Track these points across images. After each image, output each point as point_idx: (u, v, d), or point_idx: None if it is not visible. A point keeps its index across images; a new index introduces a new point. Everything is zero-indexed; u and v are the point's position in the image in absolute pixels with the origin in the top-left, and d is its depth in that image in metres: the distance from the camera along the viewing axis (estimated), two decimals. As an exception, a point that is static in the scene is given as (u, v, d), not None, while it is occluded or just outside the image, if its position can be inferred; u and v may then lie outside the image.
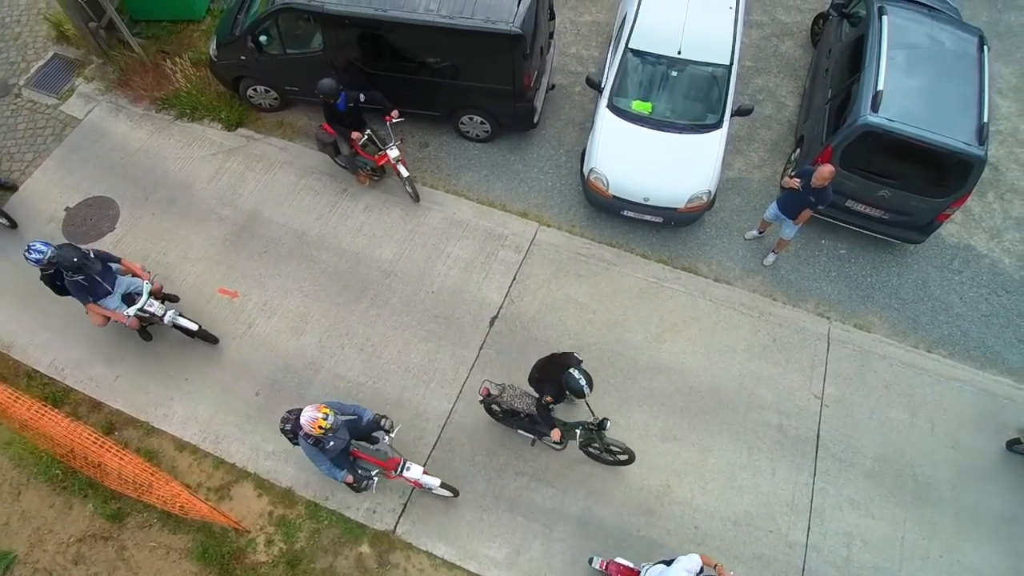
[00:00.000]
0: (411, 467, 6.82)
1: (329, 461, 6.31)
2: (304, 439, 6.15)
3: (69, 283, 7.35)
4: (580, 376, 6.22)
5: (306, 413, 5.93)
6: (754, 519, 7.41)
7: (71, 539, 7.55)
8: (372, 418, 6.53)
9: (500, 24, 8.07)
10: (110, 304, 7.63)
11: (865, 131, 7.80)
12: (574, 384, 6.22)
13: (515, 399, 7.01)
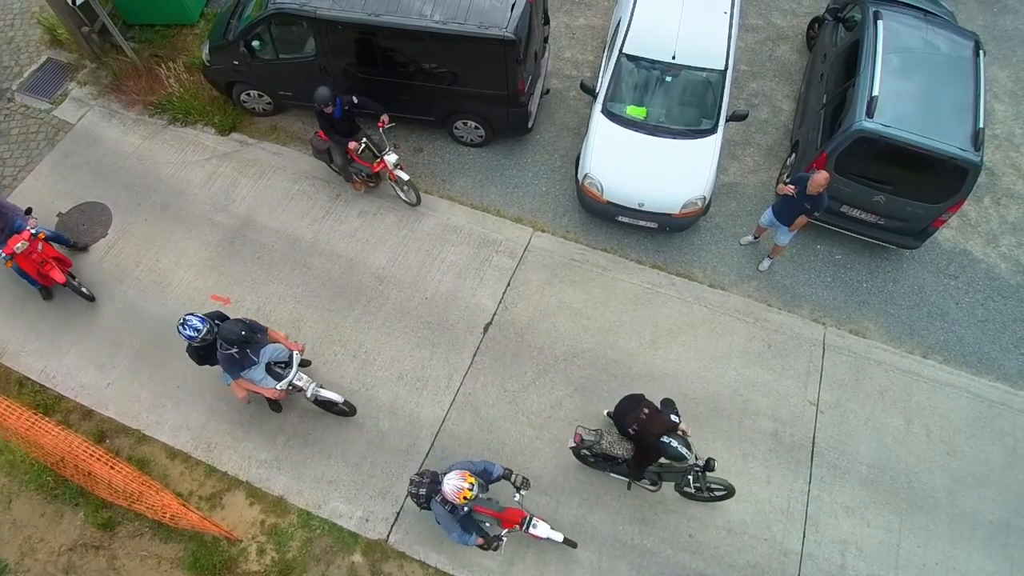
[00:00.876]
0: (538, 524, 6.51)
1: (460, 526, 6.13)
2: (440, 504, 5.97)
3: (222, 356, 6.79)
4: (678, 444, 6.21)
5: (452, 482, 5.73)
6: (749, 527, 7.37)
7: (62, 548, 7.51)
8: (501, 474, 6.27)
9: (493, 29, 8.04)
10: (255, 376, 6.99)
11: (860, 137, 7.77)
12: (673, 453, 6.22)
13: (614, 445, 6.77)
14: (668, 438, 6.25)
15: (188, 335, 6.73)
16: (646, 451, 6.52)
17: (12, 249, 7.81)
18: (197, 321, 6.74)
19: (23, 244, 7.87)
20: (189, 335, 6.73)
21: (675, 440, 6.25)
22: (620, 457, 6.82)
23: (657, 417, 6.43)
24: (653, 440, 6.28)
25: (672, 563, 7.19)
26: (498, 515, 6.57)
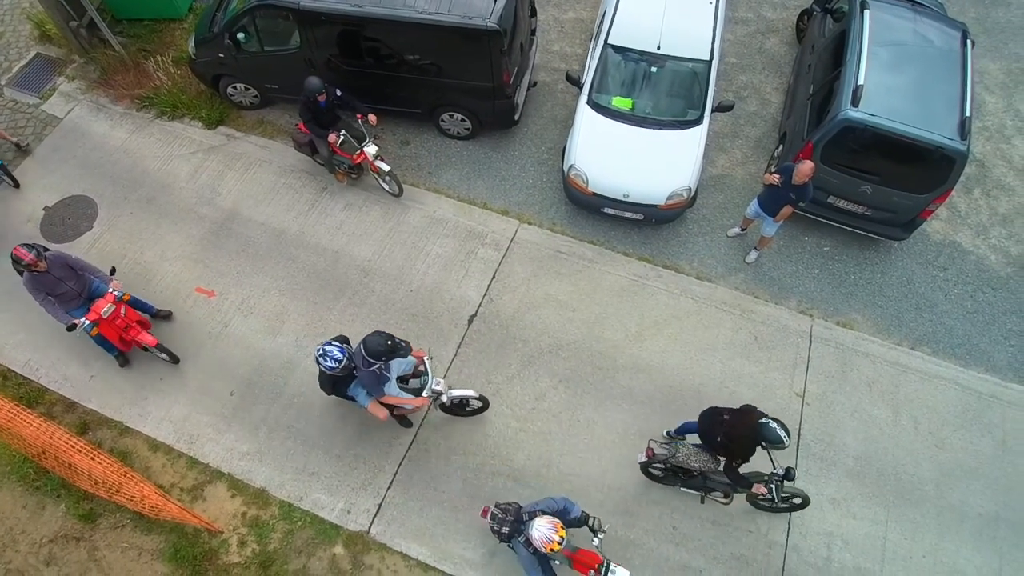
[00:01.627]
0: (617, 571, 6.09)
1: (541, 568, 6.00)
2: (524, 546, 5.85)
3: (367, 374, 6.45)
4: (777, 426, 6.01)
5: (543, 531, 5.55)
6: (733, 519, 7.30)
7: (43, 540, 7.47)
8: (579, 516, 6.16)
9: (477, 20, 8.00)
10: (392, 391, 6.70)
11: (845, 126, 7.72)
12: (772, 435, 5.99)
13: (691, 457, 6.65)
14: (766, 419, 6.08)
15: (329, 366, 6.33)
16: (742, 447, 6.23)
17: (99, 314, 7.19)
18: (337, 351, 6.35)
19: (109, 308, 7.25)
20: (330, 366, 6.33)
21: (772, 421, 6.06)
22: (696, 469, 6.68)
23: (738, 414, 6.31)
24: (748, 431, 6.10)
25: (656, 555, 7.13)
26: (571, 556, 6.21)
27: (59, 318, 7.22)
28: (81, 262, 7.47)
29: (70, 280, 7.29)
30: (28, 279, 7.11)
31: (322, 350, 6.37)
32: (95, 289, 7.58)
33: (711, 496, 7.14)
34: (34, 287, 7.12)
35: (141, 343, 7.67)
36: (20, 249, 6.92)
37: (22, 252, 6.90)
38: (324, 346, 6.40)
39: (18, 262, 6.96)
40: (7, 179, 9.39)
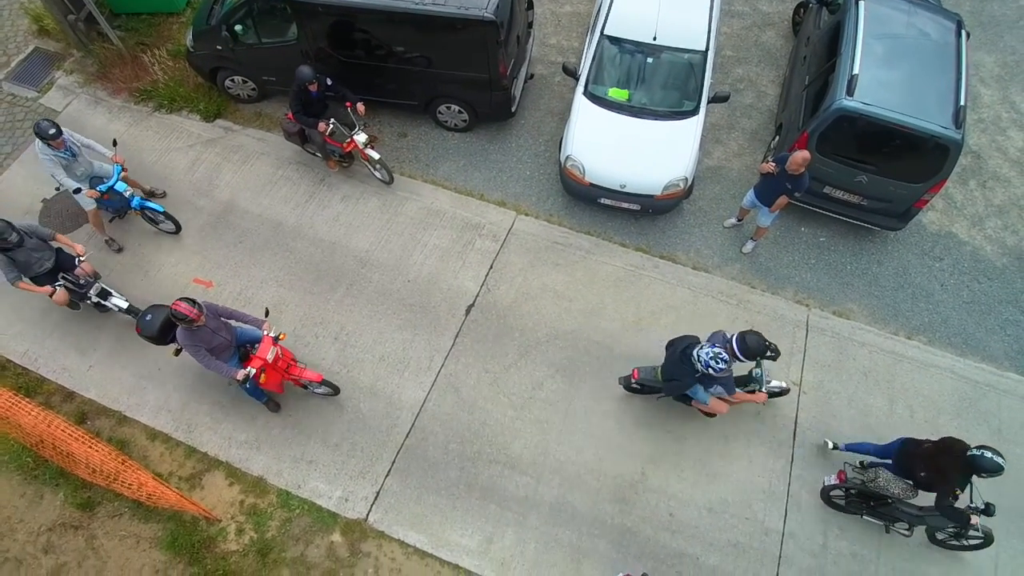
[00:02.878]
0: None
1: None
2: None
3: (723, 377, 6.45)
4: (992, 454, 5.83)
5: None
6: (730, 506, 7.33)
7: (41, 528, 7.48)
8: None
9: (473, 11, 8.03)
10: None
11: (840, 115, 7.75)
12: (990, 465, 5.82)
13: (891, 483, 6.56)
14: (977, 449, 5.86)
15: (720, 367, 6.16)
16: (954, 480, 6.03)
17: (264, 359, 6.75)
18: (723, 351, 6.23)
19: (273, 351, 6.84)
20: (721, 367, 6.17)
21: (986, 450, 5.83)
22: (893, 496, 6.58)
23: (943, 447, 6.21)
24: (958, 462, 5.96)
25: (652, 542, 7.16)
26: None
27: (226, 372, 6.69)
28: (230, 310, 6.93)
29: (222, 331, 6.82)
30: (186, 335, 6.49)
31: (713, 354, 6.14)
32: (248, 336, 7.22)
33: (895, 527, 7.00)
34: (193, 342, 6.51)
35: (303, 380, 7.32)
36: (182, 304, 6.26)
37: (186, 308, 6.25)
38: (711, 348, 6.22)
39: (181, 319, 6.30)
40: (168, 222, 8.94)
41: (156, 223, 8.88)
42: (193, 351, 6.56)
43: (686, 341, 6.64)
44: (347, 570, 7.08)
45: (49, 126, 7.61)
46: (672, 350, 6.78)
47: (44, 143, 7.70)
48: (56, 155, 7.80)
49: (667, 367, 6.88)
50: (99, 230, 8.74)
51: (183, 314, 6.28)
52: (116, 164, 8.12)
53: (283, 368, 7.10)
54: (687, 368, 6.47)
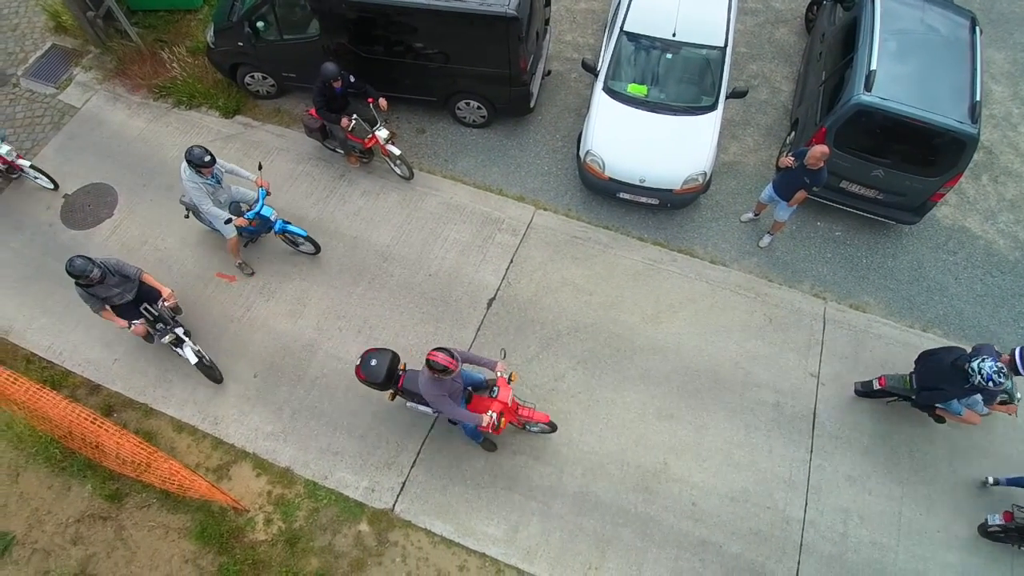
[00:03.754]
0: None
1: None
2: None
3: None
4: None
5: None
6: (751, 495, 7.43)
7: (69, 519, 7.55)
8: None
9: (496, 7, 8.12)
10: None
11: (858, 110, 7.86)
12: None
13: None
14: None
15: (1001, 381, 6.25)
16: None
17: (505, 403, 6.56)
18: None
19: (511, 395, 6.72)
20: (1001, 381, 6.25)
21: None
22: None
23: None
24: None
25: (676, 531, 7.26)
26: None
27: (470, 418, 6.40)
28: (467, 353, 6.52)
29: (457, 376, 6.41)
30: (432, 384, 6.18)
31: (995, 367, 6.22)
32: (475, 382, 6.99)
33: None
34: (440, 391, 6.22)
35: (532, 420, 7.12)
36: (440, 355, 5.90)
37: (444, 358, 5.90)
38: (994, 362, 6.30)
39: (440, 369, 5.93)
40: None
41: (296, 245, 8.70)
42: (438, 400, 6.24)
43: (954, 353, 6.79)
44: (375, 559, 7.17)
45: (203, 153, 7.29)
46: (935, 360, 6.93)
47: (194, 170, 7.42)
48: (204, 183, 7.55)
49: (926, 375, 6.99)
50: (235, 254, 8.45)
51: (442, 365, 5.88)
52: (261, 188, 7.89)
53: (513, 409, 6.89)
54: (958, 378, 6.53)
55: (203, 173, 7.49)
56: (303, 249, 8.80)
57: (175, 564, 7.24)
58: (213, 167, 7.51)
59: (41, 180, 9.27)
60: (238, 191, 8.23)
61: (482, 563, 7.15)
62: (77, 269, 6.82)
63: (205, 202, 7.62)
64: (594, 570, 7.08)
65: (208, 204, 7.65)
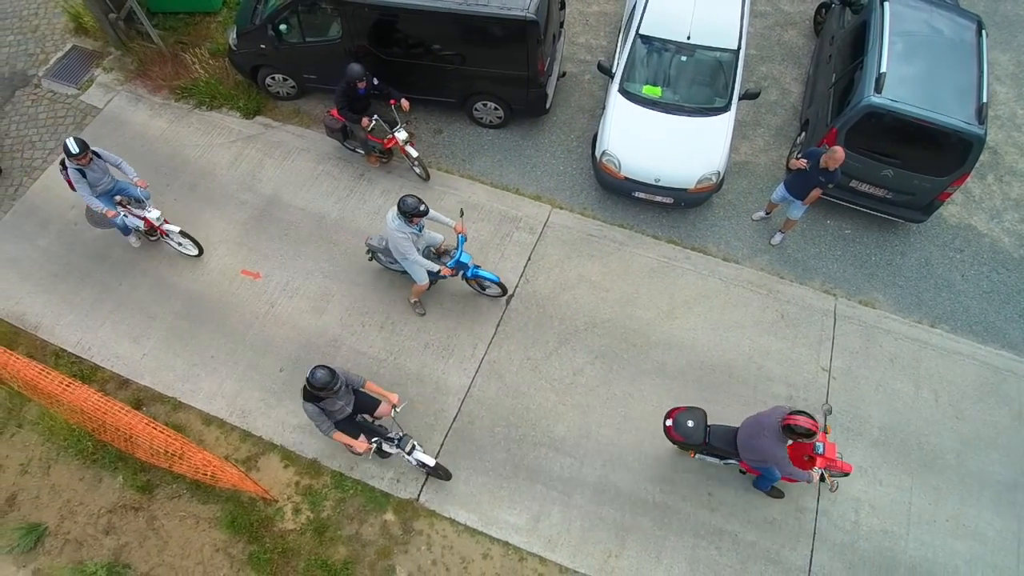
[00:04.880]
0: None
1: None
2: None
3: None
4: None
5: None
6: (765, 486, 7.64)
7: (101, 510, 7.74)
8: None
9: (516, 11, 8.33)
10: None
11: (869, 111, 8.07)
12: None
13: None
14: None
15: None
16: None
17: (833, 458, 6.68)
18: None
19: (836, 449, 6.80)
20: None
21: None
22: None
23: None
24: None
25: (693, 519, 7.47)
26: None
27: (799, 475, 6.55)
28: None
29: None
30: (778, 444, 6.26)
31: None
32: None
33: None
34: (782, 451, 6.30)
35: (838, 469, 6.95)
36: (802, 418, 6.06)
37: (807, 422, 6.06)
38: None
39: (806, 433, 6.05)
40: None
41: (483, 289, 8.53)
42: (780, 461, 6.32)
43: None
44: (401, 547, 7.38)
45: (417, 203, 7.08)
46: None
47: (405, 219, 7.20)
48: (412, 231, 7.34)
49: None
50: (416, 296, 8.41)
51: (808, 429, 5.97)
52: (460, 234, 7.75)
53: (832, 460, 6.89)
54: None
55: (413, 222, 7.23)
56: (490, 292, 8.53)
57: (206, 553, 7.44)
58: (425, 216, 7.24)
59: (186, 247, 8.87)
60: (429, 235, 7.91)
61: (505, 551, 7.36)
62: (319, 382, 6.07)
63: (412, 251, 7.35)
64: (614, 558, 7.29)
65: (415, 253, 7.39)
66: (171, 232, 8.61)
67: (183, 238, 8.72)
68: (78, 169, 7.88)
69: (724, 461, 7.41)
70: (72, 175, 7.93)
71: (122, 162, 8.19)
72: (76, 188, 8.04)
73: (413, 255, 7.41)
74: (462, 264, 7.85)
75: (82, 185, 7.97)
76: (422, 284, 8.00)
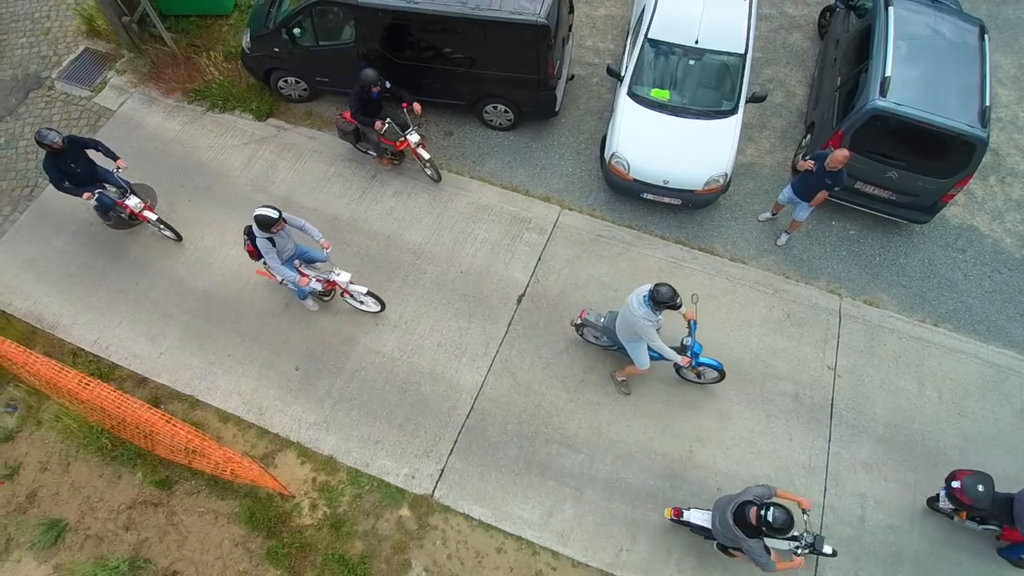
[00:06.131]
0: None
1: None
2: None
3: None
4: None
5: None
6: (773, 481, 7.77)
7: (121, 506, 7.88)
8: None
9: (527, 15, 8.47)
10: None
11: (874, 114, 8.22)
12: None
13: None
14: None
15: None
16: None
17: None
18: None
19: None
20: None
21: None
22: None
23: None
24: None
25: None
26: None
27: None
28: None
29: None
30: None
31: None
32: None
33: None
34: None
35: None
36: None
37: None
38: None
39: None
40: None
41: (699, 376, 8.19)
42: None
43: None
44: (416, 542, 7.53)
45: (671, 292, 6.79)
46: None
47: (655, 307, 6.92)
48: (657, 318, 7.04)
49: None
50: (628, 376, 8.13)
51: None
52: (692, 321, 7.57)
53: None
54: None
55: (660, 309, 6.97)
56: (704, 379, 8.21)
57: (225, 547, 7.59)
58: None
59: (367, 305, 8.66)
60: None
61: (518, 545, 7.51)
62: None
63: (656, 339, 7.12)
64: (625, 552, 7.45)
65: (659, 340, 7.17)
66: (357, 293, 8.25)
67: (367, 297, 8.33)
68: (269, 238, 7.34)
69: (983, 526, 7.29)
70: (262, 245, 7.37)
71: (305, 224, 7.68)
72: (265, 258, 7.54)
73: (658, 342, 7.10)
74: (694, 353, 7.53)
75: (272, 256, 7.45)
76: (643, 368, 7.63)
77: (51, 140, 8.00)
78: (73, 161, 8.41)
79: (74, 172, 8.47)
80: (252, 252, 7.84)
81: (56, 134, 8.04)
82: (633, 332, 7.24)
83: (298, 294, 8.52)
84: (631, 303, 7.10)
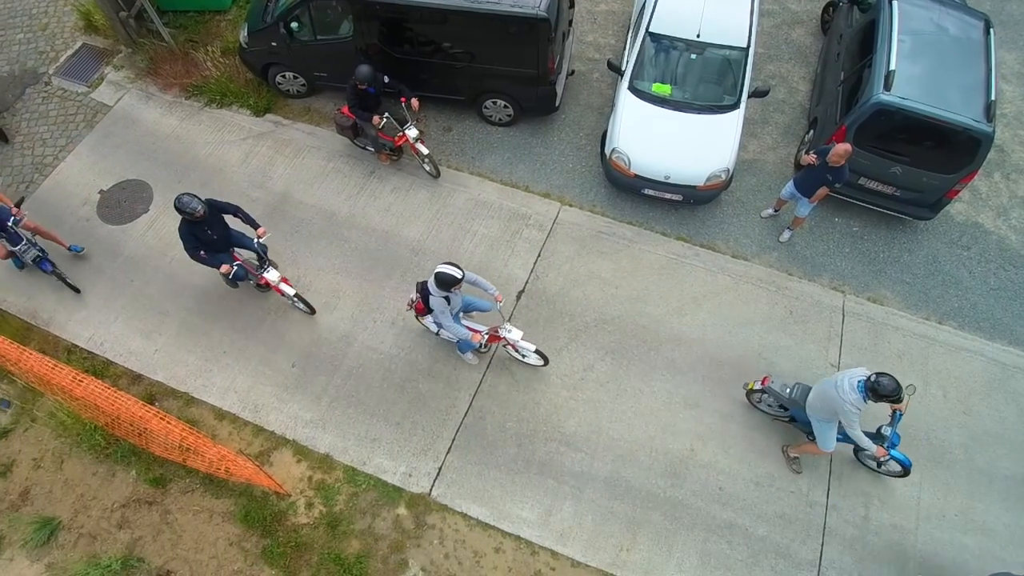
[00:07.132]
0: None
1: None
2: None
3: None
4: None
5: None
6: (776, 480, 7.69)
7: (115, 505, 7.78)
8: None
9: (528, 9, 8.39)
10: None
11: (878, 109, 8.12)
12: None
13: None
14: None
15: None
16: None
17: None
18: None
19: None
20: None
21: None
22: None
23: None
24: None
25: (704, 514, 7.52)
26: None
27: None
28: None
29: None
30: None
31: None
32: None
33: None
34: None
35: None
36: None
37: None
38: None
39: None
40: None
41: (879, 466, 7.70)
42: None
43: None
44: (413, 541, 7.42)
45: (897, 387, 6.38)
46: None
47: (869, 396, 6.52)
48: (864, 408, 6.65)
49: None
50: (802, 453, 7.78)
51: None
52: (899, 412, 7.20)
53: None
54: None
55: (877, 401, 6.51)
56: (887, 469, 7.71)
57: (220, 546, 7.49)
58: None
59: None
60: None
61: (517, 545, 7.40)
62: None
63: (858, 427, 6.75)
64: (626, 552, 7.34)
65: (859, 428, 6.77)
66: (525, 350, 7.83)
67: (534, 354, 7.87)
68: (446, 296, 7.00)
69: None
70: (437, 304, 7.00)
71: (477, 278, 7.25)
72: (438, 318, 7.22)
73: (858, 431, 6.73)
74: (892, 444, 7.19)
75: (446, 315, 7.13)
76: (826, 450, 7.22)
77: (193, 208, 7.32)
78: (210, 228, 7.70)
79: (211, 239, 7.76)
80: (420, 309, 7.52)
81: (199, 202, 7.34)
82: (831, 412, 6.82)
83: (459, 347, 8.14)
84: (840, 384, 6.61)
